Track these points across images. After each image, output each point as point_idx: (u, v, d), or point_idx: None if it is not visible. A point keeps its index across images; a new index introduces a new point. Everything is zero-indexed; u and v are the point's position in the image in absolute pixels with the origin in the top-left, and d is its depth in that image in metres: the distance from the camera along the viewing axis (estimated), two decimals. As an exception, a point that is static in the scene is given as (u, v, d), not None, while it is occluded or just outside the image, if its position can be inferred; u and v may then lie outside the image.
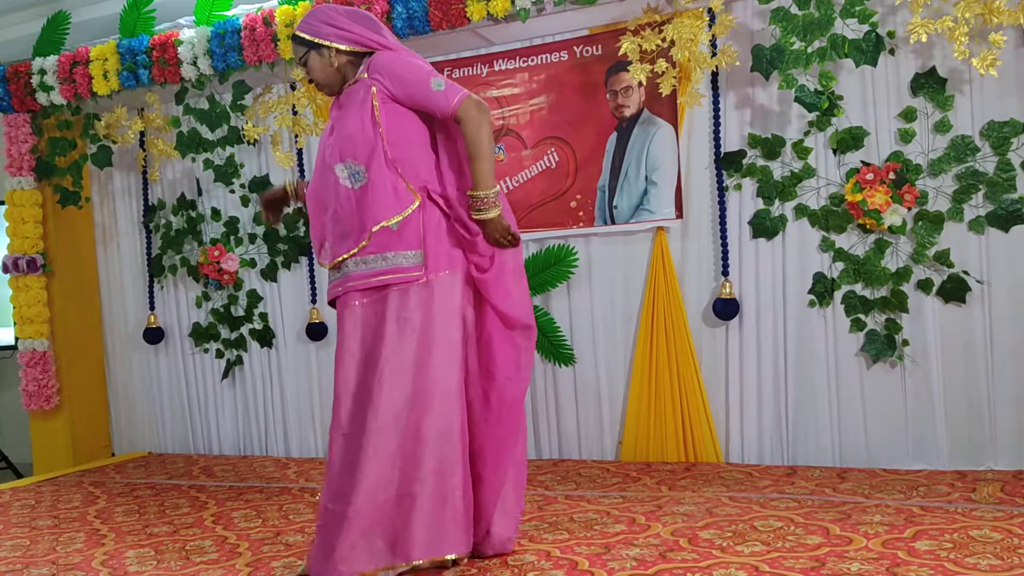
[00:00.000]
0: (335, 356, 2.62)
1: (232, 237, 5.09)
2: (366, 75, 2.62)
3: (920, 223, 3.70)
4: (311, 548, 2.65)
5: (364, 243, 2.54)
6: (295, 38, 2.68)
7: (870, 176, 3.70)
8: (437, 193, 2.61)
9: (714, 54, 3.91)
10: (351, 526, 2.48)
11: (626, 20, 4.02)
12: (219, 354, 5.21)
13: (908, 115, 3.71)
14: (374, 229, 2.53)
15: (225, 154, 4.96)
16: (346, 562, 2.48)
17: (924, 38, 3.48)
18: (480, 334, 2.68)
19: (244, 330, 5.14)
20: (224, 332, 5.18)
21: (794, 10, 3.71)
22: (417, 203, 2.55)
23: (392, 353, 2.52)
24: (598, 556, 2.73)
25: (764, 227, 3.98)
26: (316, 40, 2.65)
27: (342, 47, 2.64)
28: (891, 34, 3.68)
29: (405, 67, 2.58)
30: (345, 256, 2.58)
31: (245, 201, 5.04)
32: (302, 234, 4.93)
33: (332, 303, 2.69)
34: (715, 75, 4.04)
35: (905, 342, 3.74)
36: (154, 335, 5.33)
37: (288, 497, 3.89)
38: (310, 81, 2.73)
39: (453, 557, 2.58)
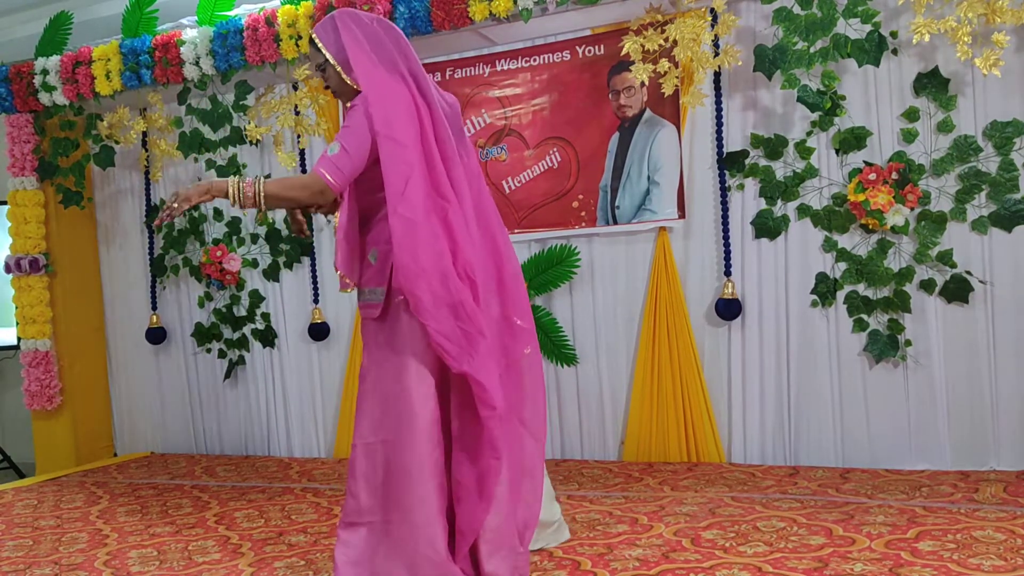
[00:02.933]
0: None
1: (234, 237, 5.10)
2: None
3: (923, 223, 3.69)
4: None
5: (355, 279, 2.56)
6: (313, 42, 2.62)
7: (873, 176, 3.70)
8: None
9: (717, 54, 3.91)
10: (342, 550, 2.48)
11: (628, 20, 4.02)
12: (221, 354, 5.21)
13: (911, 115, 3.70)
14: (334, 263, 2.53)
15: (227, 154, 4.96)
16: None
17: (927, 38, 3.48)
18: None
19: (246, 330, 5.15)
20: (226, 332, 5.18)
21: (797, 10, 3.71)
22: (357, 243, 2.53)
23: (368, 380, 2.53)
24: (601, 556, 2.74)
25: (766, 227, 3.98)
26: (332, 61, 2.56)
27: (346, 79, 2.56)
28: (894, 34, 3.67)
29: (347, 121, 2.48)
30: (350, 284, 2.59)
31: (247, 201, 5.03)
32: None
33: None
34: (717, 75, 4.04)
35: (908, 342, 3.74)
36: (156, 335, 5.34)
37: (291, 497, 3.89)
38: (326, 87, 2.69)
39: None
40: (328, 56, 2.56)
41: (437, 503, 2.43)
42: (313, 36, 2.60)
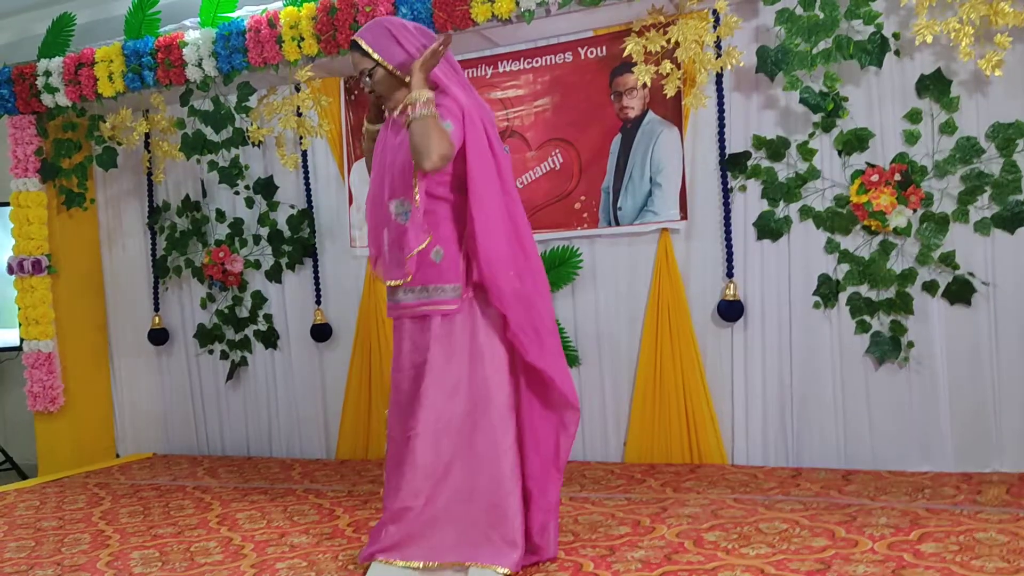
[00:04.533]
0: (392, 365, 2.78)
1: (237, 238, 5.10)
2: None
3: (925, 225, 3.69)
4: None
5: (409, 277, 2.64)
6: (361, 48, 2.67)
7: (875, 178, 3.69)
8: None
9: (719, 55, 3.91)
10: (390, 531, 2.64)
11: (631, 21, 4.02)
12: (224, 355, 5.21)
13: (913, 116, 3.70)
14: (408, 256, 2.60)
15: (230, 155, 4.97)
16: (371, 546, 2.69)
17: (929, 39, 3.48)
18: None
19: (249, 331, 5.15)
20: (229, 333, 5.19)
21: (799, 11, 3.71)
22: (428, 240, 2.62)
23: (436, 370, 2.63)
24: (603, 558, 2.73)
25: (769, 228, 3.98)
26: (389, 67, 2.67)
27: (401, 79, 2.67)
28: (896, 35, 3.67)
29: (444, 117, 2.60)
30: (396, 283, 2.69)
31: (250, 202, 5.04)
32: (307, 235, 4.93)
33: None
34: (720, 76, 4.04)
35: (910, 344, 3.74)
36: (159, 336, 5.34)
37: (293, 498, 3.89)
38: (370, 91, 2.74)
39: (505, 571, 2.57)
40: (380, 59, 2.66)
41: (513, 482, 2.62)
42: (360, 42, 2.68)
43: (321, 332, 4.91)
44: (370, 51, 2.67)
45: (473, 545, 2.61)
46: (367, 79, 2.71)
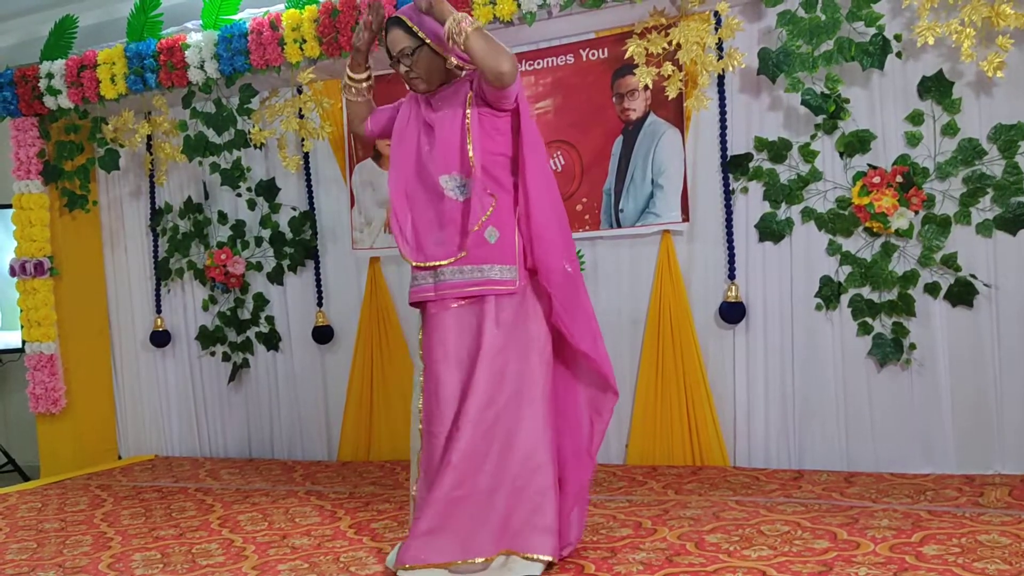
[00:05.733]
0: (427, 355, 2.71)
1: (239, 240, 5.10)
2: (465, 72, 2.71)
3: (927, 226, 3.69)
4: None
5: (463, 254, 2.62)
6: (407, 28, 2.65)
7: (877, 179, 3.69)
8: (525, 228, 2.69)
9: (720, 57, 3.91)
10: (428, 516, 2.58)
11: (632, 23, 4.02)
12: (225, 357, 5.21)
13: (915, 118, 3.70)
14: (472, 229, 2.60)
15: (232, 157, 4.97)
16: (412, 550, 2.59)
17: (931, 41, 3.48)
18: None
19: (251, 333, 5.15)
20: (231, 335, 5.19)
21: (801, 13, 3.71)
22: (493, 207, 2.63)
23: (489, 356, 2.60)
24: (604, 560, 2.73)
25: (771, 230, 3.97)
26: (431, 44, 2.66)
27: (453, 61, 2.68)
28: (898, 37, 3.67)
29: None
30: (443, 263, 2.65)
31: (252, 204, 5.05)
32: (308, 237, 4.93)
33: (416, 304, 2.78)
34: (721, 78, 4.03)
35: (912, 346, 3.73)
36: (161, 338, 5.34)
37: (294, 500, 3.89)
38: (407, 73, 2.71)
39: (548, 558, 2.60)
40: (424, 36, 2.64)
41: (551, 468, 2.63)
42: (405, 20, 2.66)
43: (323, 334, 4.91)
44: (416, 29, 2.65)
45: (515, 534, 2.61)
46: (407, 59, 2.67)
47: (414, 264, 2.72)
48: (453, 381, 2.65)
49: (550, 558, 2.60)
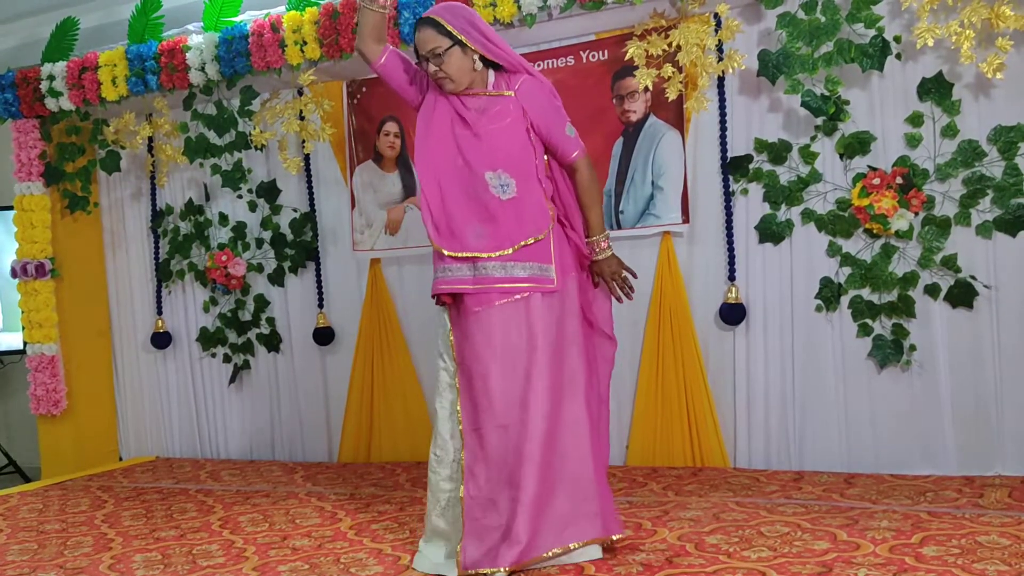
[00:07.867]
0: (469, 353, 2.70)
1: (240, 242, 5.10)
2: (513, 94, 2.72)
3: (927, 228, 3.69)
4: (462, 542, 2.66)
5: (508, 251, 2.68)
6: (439, 26, 2.65)
7: (877, 181, 3.70)
8: (561, 214, 2.85)
9: (720, 59, 3.91)
10: (527, 511, 2.60)
11: (632, 25, 4.02)
12: (226, 359, 5.22)
13: (915, 120, 3.70)
14: (522, 243, 2.69)
15: (232, 159, 4.97)
16: (514, 549, 2.59)
17: (930, 43, 3.49)
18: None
19: (251, 335, 5.15)
20: (231, 337, 5.19)
21: (800, 15, 3.71)
22: (553, 223, 2.77)
23: (540, 351, 2.67)
24: (604, 561, 2.74)
25: (771, 232, 3.98)
26: (466, 41, 2.67)
27: (488, 57, 2.73)
28: (897, 39, 3.67)
29: (551, 105, 2.78)
30: (484, 256, 2.68)
31: (252, 206, 5.05)
32: (309, 239, 4.94)
33: (443, 296, 2.77)
34: (721, 80, 4.04)
35: (912, 347, 3.73)
36: (162, 340, 5.35)
37: (295, 501, 3.90)
38: (435, 72, 2.70)
39: (617, 536, 2.75)
40: (462, 37, 2.66)
41: (592, 456, 2.76)
42: (439, 20, 2.66)
43: (323, 335, 4.91)
44: (451, 29, 2.64)
45: (570, 524, 2.68)
46: (437, 58, 2.66)
47: (448, 253, 2.71)
48: (506, 377, 2.66)
49: (615, 535, 2.74)
